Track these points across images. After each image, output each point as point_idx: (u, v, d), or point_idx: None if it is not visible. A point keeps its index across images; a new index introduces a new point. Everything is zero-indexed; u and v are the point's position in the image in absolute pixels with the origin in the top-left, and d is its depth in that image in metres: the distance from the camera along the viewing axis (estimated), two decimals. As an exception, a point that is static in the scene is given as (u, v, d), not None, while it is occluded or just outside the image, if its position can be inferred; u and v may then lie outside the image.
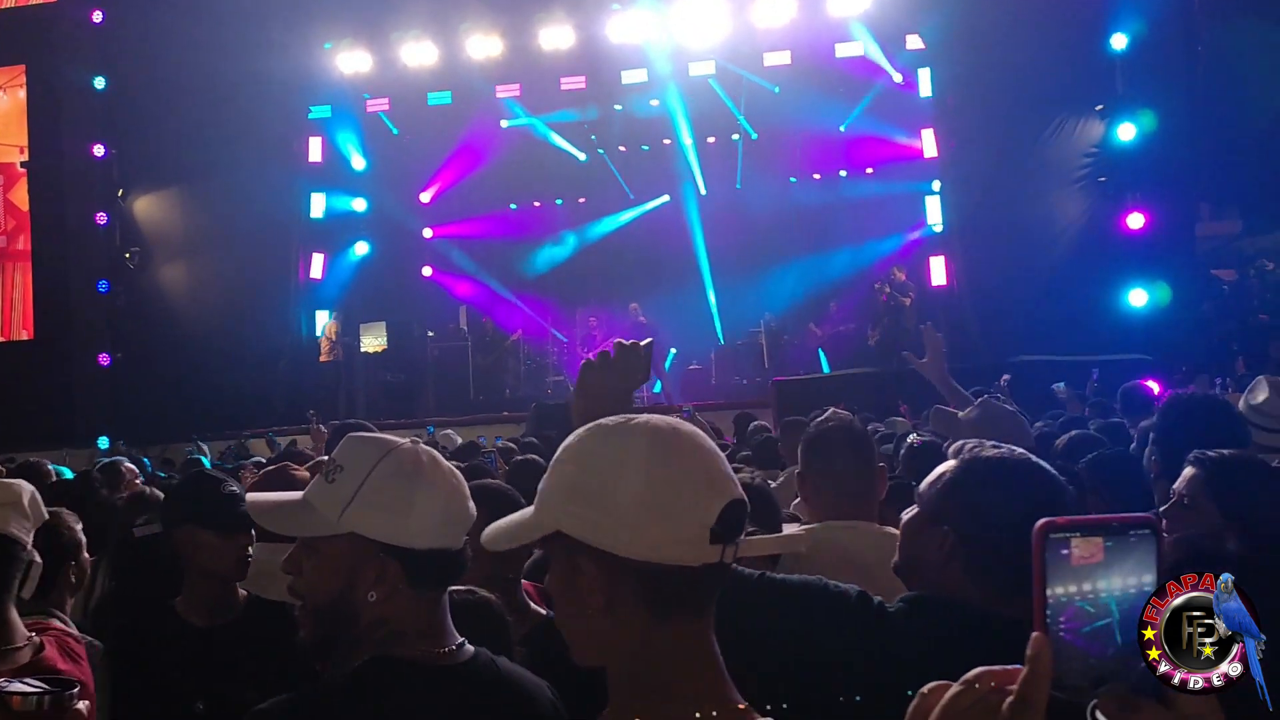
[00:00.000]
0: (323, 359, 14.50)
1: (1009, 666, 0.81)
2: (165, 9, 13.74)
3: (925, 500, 1.79)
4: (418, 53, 14.15)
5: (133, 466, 5.93)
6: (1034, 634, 0.80)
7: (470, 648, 1.58)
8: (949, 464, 1.80)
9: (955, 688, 0.82)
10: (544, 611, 2.39)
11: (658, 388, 14.88)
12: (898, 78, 13.75)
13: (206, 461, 7.53)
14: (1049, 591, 0.81)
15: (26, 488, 2.09)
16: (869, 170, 15.55)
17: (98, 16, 14.88)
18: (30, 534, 2.06)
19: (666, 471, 1.17)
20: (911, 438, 4.44)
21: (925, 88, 13.54)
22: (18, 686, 1.40)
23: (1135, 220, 11.48)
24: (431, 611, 1.56)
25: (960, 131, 12.79)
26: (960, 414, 3.97)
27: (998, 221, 12.24)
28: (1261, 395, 3.43)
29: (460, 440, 8.50)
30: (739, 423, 7.85)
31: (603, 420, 1.25)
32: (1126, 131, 11.65)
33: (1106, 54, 11.84)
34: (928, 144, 13.61)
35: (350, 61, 14.44)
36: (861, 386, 10.34)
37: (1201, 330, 12.14)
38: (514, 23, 13.80)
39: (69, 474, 5.33)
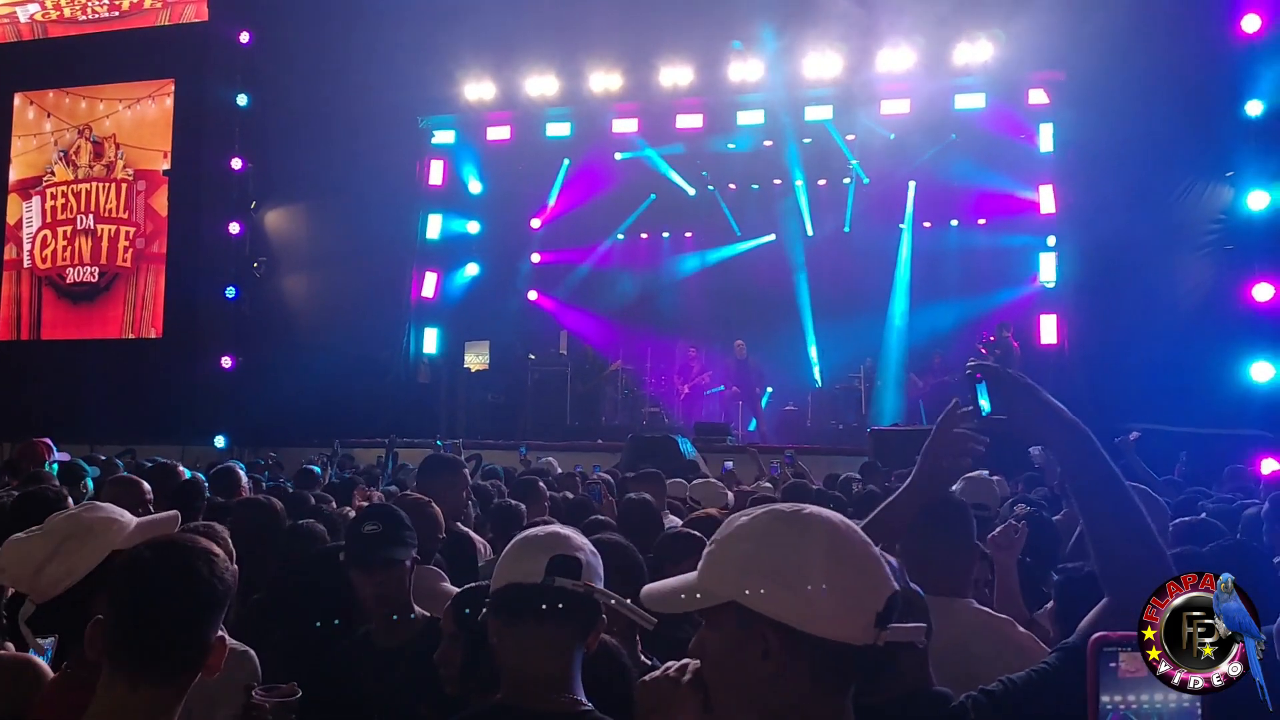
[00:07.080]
0: (421, 379, 14.93)
1: None
2: (308, 34, 14.44)
3: None
4: (540, 84, 14.52)
5: (242, 473, 6.22)
6: None
7: None
8: None
9: None
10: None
11: (753, 426, 14.89)
12: (1018, 132, 13.56)
13: (319, 471, 7.82)
14: (1101, 699, 0.89)
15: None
16: (981, 221, 15.34)
17: (245, 37, 15.69)
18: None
19: (850, 561, 1.32)
20: (1019, 507, 4.39)
21: (1046, 143, 13.32)
22: None
23: (1263, 291, 11.03)
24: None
25: (1081, 189, 12.53)
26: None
27: (1115, 283, 11.91)
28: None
29: (560, 469, 8.65)
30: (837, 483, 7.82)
31: (778, 507, 1.38)
32: (1258, 200, 11.23)
33: (1241, 120, 11.47)
34: (1045, 199, 13.37)
35: (476, 90, 14.88)
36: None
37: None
38: (636, 60, 14.05)
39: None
